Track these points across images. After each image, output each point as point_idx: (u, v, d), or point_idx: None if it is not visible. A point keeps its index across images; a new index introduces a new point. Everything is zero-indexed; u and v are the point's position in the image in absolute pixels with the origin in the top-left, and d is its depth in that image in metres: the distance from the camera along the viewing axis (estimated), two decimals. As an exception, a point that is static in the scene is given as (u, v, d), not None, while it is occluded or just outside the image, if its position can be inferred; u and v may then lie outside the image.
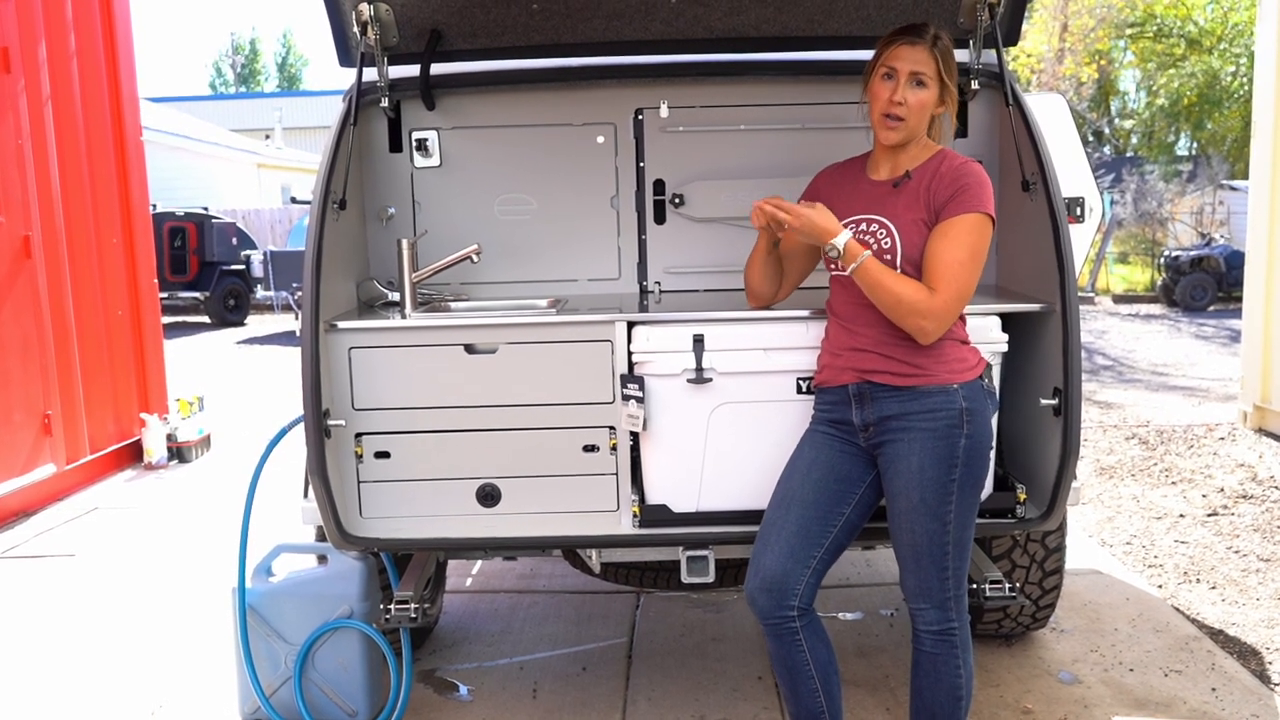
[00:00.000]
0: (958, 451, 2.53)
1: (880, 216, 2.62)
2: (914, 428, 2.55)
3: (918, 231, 2.57)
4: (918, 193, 2.59)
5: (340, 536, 2.96)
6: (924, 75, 2.54)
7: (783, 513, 2.64)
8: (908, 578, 2.62)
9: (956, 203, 2.53)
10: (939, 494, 2.53)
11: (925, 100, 2.55)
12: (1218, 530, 5.37)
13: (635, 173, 3.60)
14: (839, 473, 2.65)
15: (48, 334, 6.21)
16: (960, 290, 2.51)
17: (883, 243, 2.59)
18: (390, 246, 3.55)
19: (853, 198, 2.70)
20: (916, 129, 2.60)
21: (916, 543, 2.57)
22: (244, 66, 56.90)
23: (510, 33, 3.32)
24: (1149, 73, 28.60)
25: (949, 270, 2.50)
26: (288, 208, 22.78)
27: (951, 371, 2.56)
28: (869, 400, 2.61)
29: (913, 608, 2.63)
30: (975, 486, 2.59)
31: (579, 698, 3.56)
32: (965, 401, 2.55)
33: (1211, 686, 3.55)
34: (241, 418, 8.75)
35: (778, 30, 3.35)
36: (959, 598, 2.61)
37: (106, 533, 5.62)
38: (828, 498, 2.63)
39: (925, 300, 2.49)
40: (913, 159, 2.65)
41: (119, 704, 3.60)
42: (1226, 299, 17.17)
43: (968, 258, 2.51)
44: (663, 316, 2.98)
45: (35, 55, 6.21)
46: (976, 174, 2.57)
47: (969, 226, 2.52)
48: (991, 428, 2.62)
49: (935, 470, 2.53)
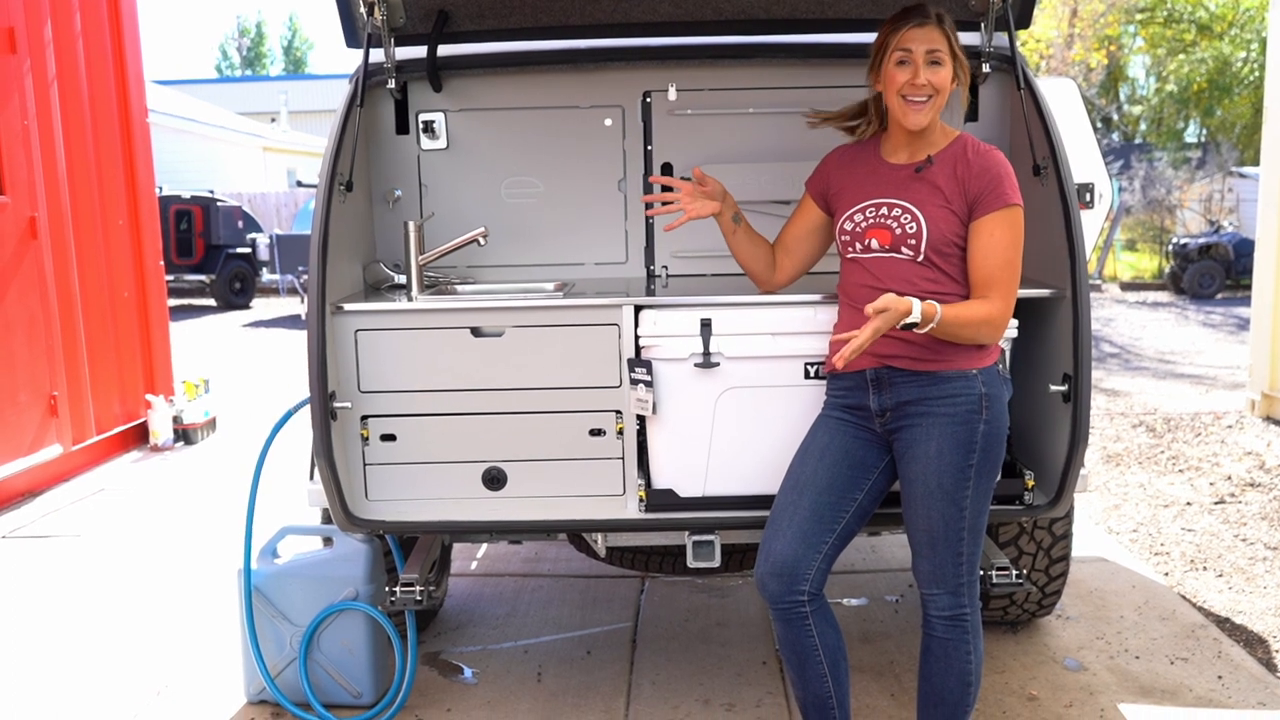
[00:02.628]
0: (976, 437, 2.54)
1: (904, 201, 2.60)
2: (934, 413, 2.55)
3: (943, 218, 2.56)
4: (943, 178, 2.58)
5: (346, 519, 2.96)
6: (939, 53, 2.53)
7: (795, 497, 2.63)
8: (922, 563, 2.61)
9: (992, 197, 2.55)
10: (957, 479, 2.53)
11: (944, 78, 2.55)
12: (1225, 518, 5.36)
13: (643, 155, 3.58)
14: (853, 458, 2.65)
15: (54, 315, 6.21)
16: (1013, 288, 2.57)
17: (907, 227, 2.57)
18: (396, 229, 3.54)
19: (870, 181, 2.68)
20: (940, 108, 2.59)
21: (933, 528, 2.56)
22: (250, 49, 56.76)
23: (518, 14, 3.29)
24: (1159, 58, 28.43)
25: (1002, 274, 2.54)
26: (293, 191, 22.76)
27: (970, 357, 2.56)
28: (887, 385, 2.60)
29: (926, 593, 2.62)
30: (992, 472, 2.59)
31: (584, 682, 3.57)
32: (984, 387, 2.56)
33: (1218, 674, 3.55)
34: (247, 400, 8.76)
35: (787, 12, 3.32)
36: (972, 583, 2.61)
37: (112, 514, 5.64)
38: (841, 483, 2.63)
39: (987, 314, 2.53)
40: (933, 144, 2.64)
41: (124, 684, 3.61)
42: (1235, 287, 17.12)
43: (1014, 255, 2.56)
44: (670, 300, 2.97)
45: (41, 35, 6.19)
46: (1003, 163, 2.59)
47: (1008, 223, 2.55)
48: (1007, 413, 2.62)
49: (954, 455, 2.53)
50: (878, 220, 2.61)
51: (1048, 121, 2.98)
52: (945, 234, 2.56)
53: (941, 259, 2.58)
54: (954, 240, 2.58)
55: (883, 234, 2.60)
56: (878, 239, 2.60)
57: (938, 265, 2.58)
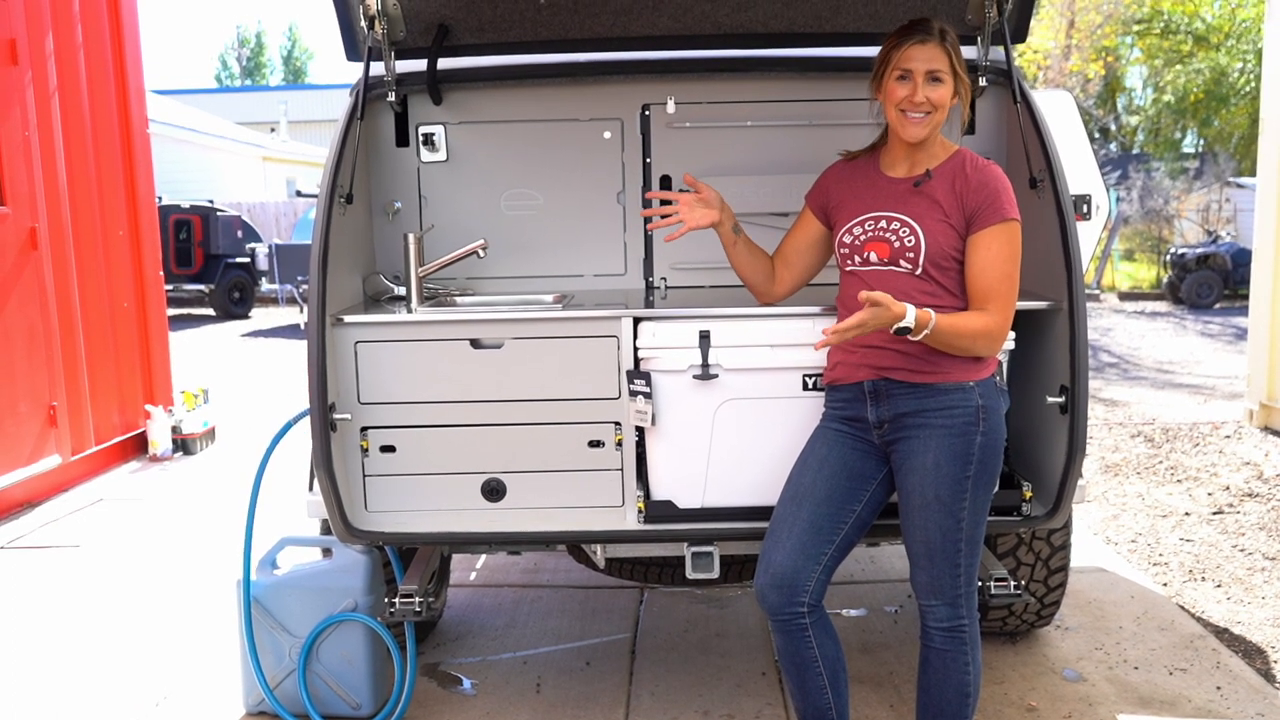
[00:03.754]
0: (973, 449, 2.54)
1: (902, 215, 2.62)
2: (931, 425, 2.56)
3: (942, 231, 2.58)
4: (941, 193, 2.60)
5: (346, 530, 2.97)
6: (939, 71, 2.54)
7: (794, 509, 2.64)
8: (920, 574, 2.62)
9: (990, 211, 2.56)
10: (954, 491, 2.54)
11: (944, 95, 2.56)
12: (1223, 528, 5.36)
13: (642, 168, 3.59)
14: (851, 469, 2.65)
15: (53, 325, 6.22)
16: (1012, 301, 2.58)
17: (905, 240, 2.59)
18: (396, 241, 3.55)
19: (869, 195, 2.70)
20: (939, 124, 2.61)
21: (930, 539, 2.57)
22: (249, 59, 56.88)
23: (517, 28, 3.31)
24: (1156, 69, 28.51)
25: (999, 286, 2.55)
26: (293, 201, 22.78)
27: (967, 369, 2.57)
28: (885, 397, 2.61)
29: (924, 604, 2.63)
30: (989, 484, 2.60)
31: (583, 692, 3.57)
32: (981, 399, 2.57)
33: (1216, 685, 3.55)
34: (246, 411, 8.76)
35: (785, 26, 3.34)
36: (969, 595, 2.62)
37: (111, 524, 5.63)
38: (840, 494, 2.64)
39: (984, 326, 2.54)
40: (932, 157, 2.65)
41: (123, 695, 3.61)
42: (1233, 296, 17.14)
43: (1012, 269, 2.57)
44: (669, 312, 2.98)
45: (42, 47, 6.21)
46: (1001, 178, 2.60)
47: (1006, 237, 2.56)
48: (1004, 425, 2.63)
49: (951, 467, 2.54)
50: (876, 234, 2.62)
51: (1044, 135, 3.00)
52: (943, 248, 2.58)
53: (940, 272, 2.59)
54: (952, 254, 2.59)
55: (881, 247, 2.61)
56: (876, 252, 2.62)
57: (935, 279, 2.59)
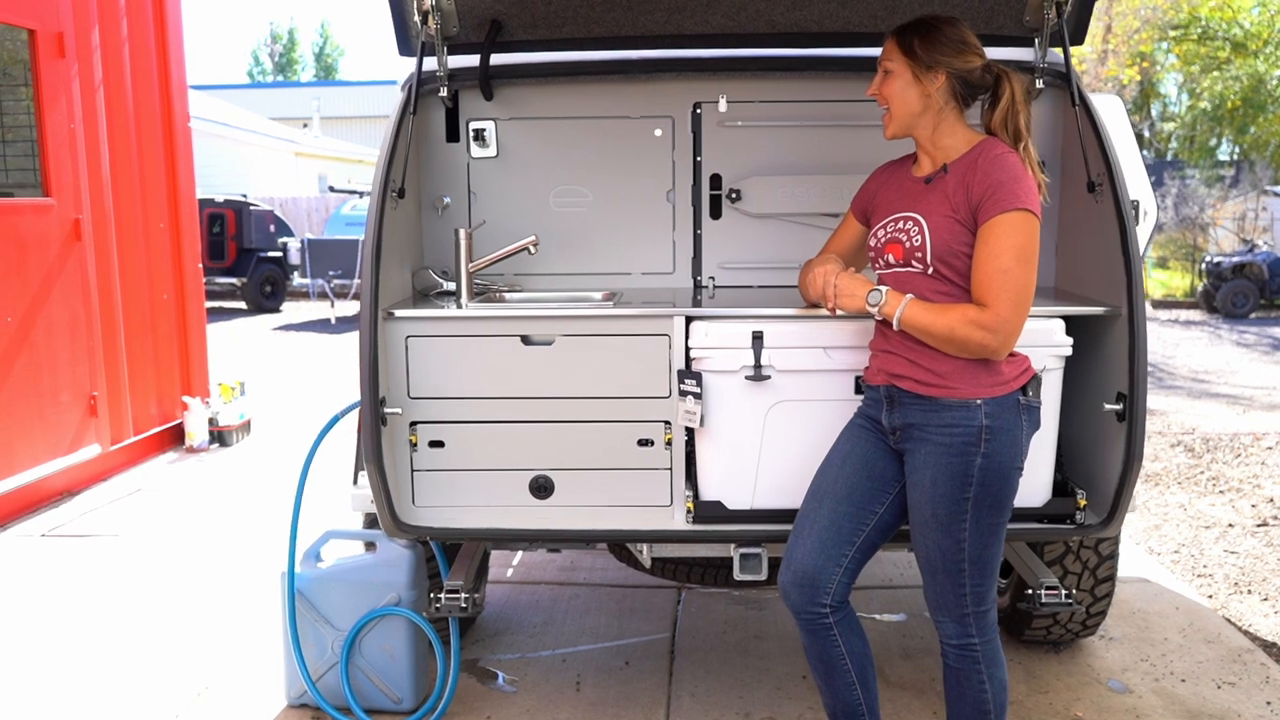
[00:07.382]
0: (972, 470, 2.43)
1: (914, 213, 2.54)
2: (931, 440, 2.47)
3: (948, 228, 2.46)
4: (953, 187, 2.49)
5: (393, 524, 2.97)
6: (888, 64, 2.54)
7: (815, 505, 2.61)
8: (926, 588, 2.60)
9: (992, 202, 2.39)
10: (951, 511, 2.45)
11: (895, 86, 2.53)
12: (1268, 541, 5.28)
13: (692, 167, 3.58)
14: (872, 469, 2.60)
15: (95, 317, 6.27)
16: (1015, 297, 2.37)
17: (913, 239, 2.51)
18: (444, 236, 3.55)
19: (895, 196, 2.65)
20: (903, 117, 2.55)
21: (930, 557, 2.52)
22: (281, 55, 57.29)
23: (570, 24, 3.30)
24: (1192, 75, 28.17)
25: (995, 280, 2.37)
26: (324, 196, 22.92)
27: (978, 385, 2.43)
28: (896, 404, 2.55)
29: (933, 618, 2.61)
30: (994, 507, 2.46)
31: (623, 692, 3.56)
32: (987, 419, 2.42)
33: (1267, 700, 3.49)
34: (279, 403, 8.81)
35: (840, 25, 3.31)
36: (980, 614, 2.54)
37: (150, 514, 5.68)
38: (860, 494, 2.58)
39: (976, 320, 2.38)
40: (952, 151, 2.55)
41: (164, 685, 3.63)
42: (1269, 306, 16.94)
43: (1012, 262, 2.36)
44: (722, 312, 2.96)
45: (88, 41, 6.27)
46: (1011, 167, 2.41)
47: (1009, 228, 2.37)
48: (1020, 447, 2.47)
49: (947, 487, 2.44)
50: (893, 234, 2.56)
51: (1103, 138, 2.96)
52: (950, 244, 2.45)
53: (950, 270, 2.47)
54: (960, 250, 2.46)
55: (896, 249, 2.54)
56: (893, 254, 2.55)
57: (946, 277, 2.48)
